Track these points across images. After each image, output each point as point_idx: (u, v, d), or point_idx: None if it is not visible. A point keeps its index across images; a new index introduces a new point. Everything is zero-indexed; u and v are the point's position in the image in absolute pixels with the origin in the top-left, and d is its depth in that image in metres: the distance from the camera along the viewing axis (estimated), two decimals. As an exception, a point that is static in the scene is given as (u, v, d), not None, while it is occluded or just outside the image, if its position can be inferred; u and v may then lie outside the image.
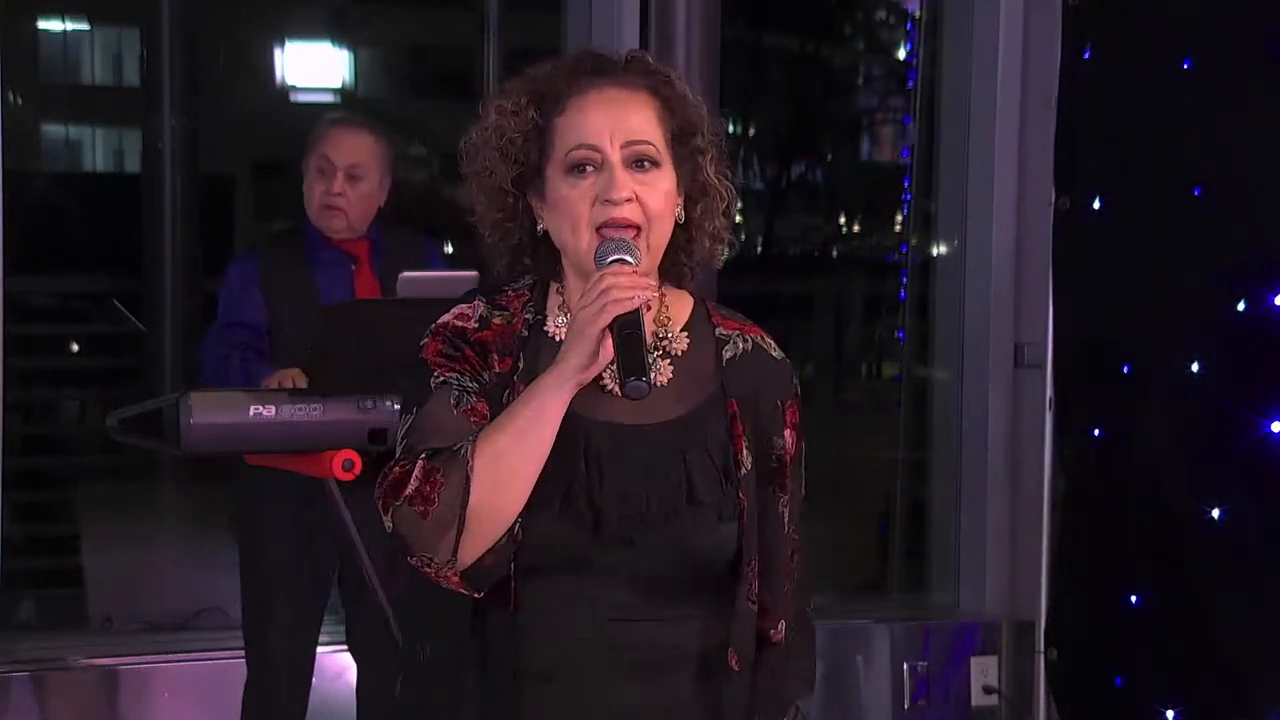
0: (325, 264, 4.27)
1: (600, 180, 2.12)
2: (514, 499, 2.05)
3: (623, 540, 2.10)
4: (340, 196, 4.20)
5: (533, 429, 2.04)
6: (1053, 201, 4.56)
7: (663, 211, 2.14)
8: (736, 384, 2.20)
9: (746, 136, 11.17)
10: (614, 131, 2.12)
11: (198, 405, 3.53)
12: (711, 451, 2.16)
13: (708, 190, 2.20)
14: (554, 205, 2.15)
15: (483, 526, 2.03)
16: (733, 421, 2.18)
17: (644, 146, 2.13)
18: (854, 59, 11.30)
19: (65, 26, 9.28)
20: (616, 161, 2.11)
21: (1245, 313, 4.13)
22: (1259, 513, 4.15)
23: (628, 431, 2.13)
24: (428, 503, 2.03)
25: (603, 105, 2.13)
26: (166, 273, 6.64)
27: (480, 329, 2.17)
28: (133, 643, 5.15)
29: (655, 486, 2.11)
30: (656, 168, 2.14)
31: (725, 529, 2.15)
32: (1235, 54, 4.18)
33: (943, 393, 5.97)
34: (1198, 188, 4.21)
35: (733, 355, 2.22)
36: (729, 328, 2.25)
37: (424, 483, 2.03)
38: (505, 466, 2.03)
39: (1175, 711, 4.31)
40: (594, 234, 2.12)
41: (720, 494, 2.14)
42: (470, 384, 2.13)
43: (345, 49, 9.53)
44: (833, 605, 6.00)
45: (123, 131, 9.77)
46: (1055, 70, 4.60)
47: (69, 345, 7.47)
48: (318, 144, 4.26)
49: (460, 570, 2.05)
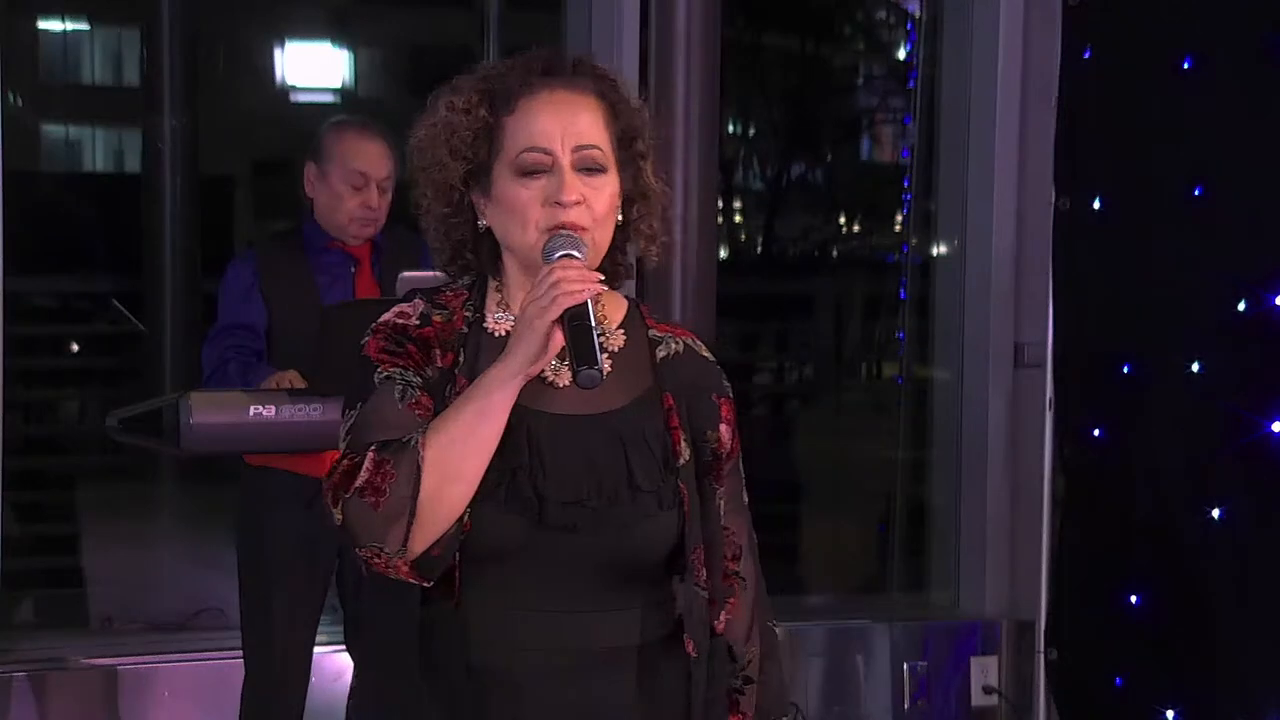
0: (326, 265, 4.26)
1: (551, 183, 2.16)
2: (463, 489, 2.07)
3: (566, 528, 2.13)
4: (377, 210, 4.21)
5: (482, 420, 2.07)
6: (1053, 201, 4.56)
7: (607, 214, 2.19)
8: (670, 380, 2.25)
9: (746, 136, 11.17)
10: (565, 135, 2.17)
11: (198, 405, 3.53)
12: (650, 442, 2.20)
13: (647, 193, 2.26)
14: (502, 203, 2.19)
15: (433, 516, 2.06)
16: (669, 414, 2.23)
17: (593, 151, 2.18)
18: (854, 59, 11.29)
19: (65, 26, 9.28)
20: (567, 165, 2.16)
21: (1245, 313, 4.13)
22: (1259, 513, 4.15)
23: (569, 421, 2.17)
24: (379, 493, 2.05)
25: (553, 108, 2.18)
26: (166, 273, 6.64)
27: (421, 326, 2.20)
28: (133, 643, 5.15)
29: (597, 474, 2.16)
30: (603, 172, 2.19)
31: (665, 517, 2.18)
32: (1235, 54, 4.18)
33: (943, 393, 5.97)
34: (1198, 188, 4.22)
35: (666, 354, 2.28)
36: (661, 330, 2.31)
37: (375, 474, 2.06)
38: (455, 457, 2.06)
39: (1175, 711, 4.31)
40: (542, 234, 2.16)
41: (660, 482, 2.19)
42: (414, 378, 2.16)
43: (345, 49, 9.53)
44: (833, 605, 6.00)
45: (123, 131, 9.77)
46: (1055, 70, 4.60)
47: (69, 345, 7.47)
48: (345, 156, 4.21)
49: (409, 560, 2.07)
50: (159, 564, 6.10)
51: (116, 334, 7.17)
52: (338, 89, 9.42)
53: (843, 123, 11.08)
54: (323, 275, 4.25)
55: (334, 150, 4.23)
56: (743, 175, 11.48)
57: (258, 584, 4.19)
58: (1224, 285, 4.17)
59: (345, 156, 4.21)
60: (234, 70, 8.84)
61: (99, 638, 5.33)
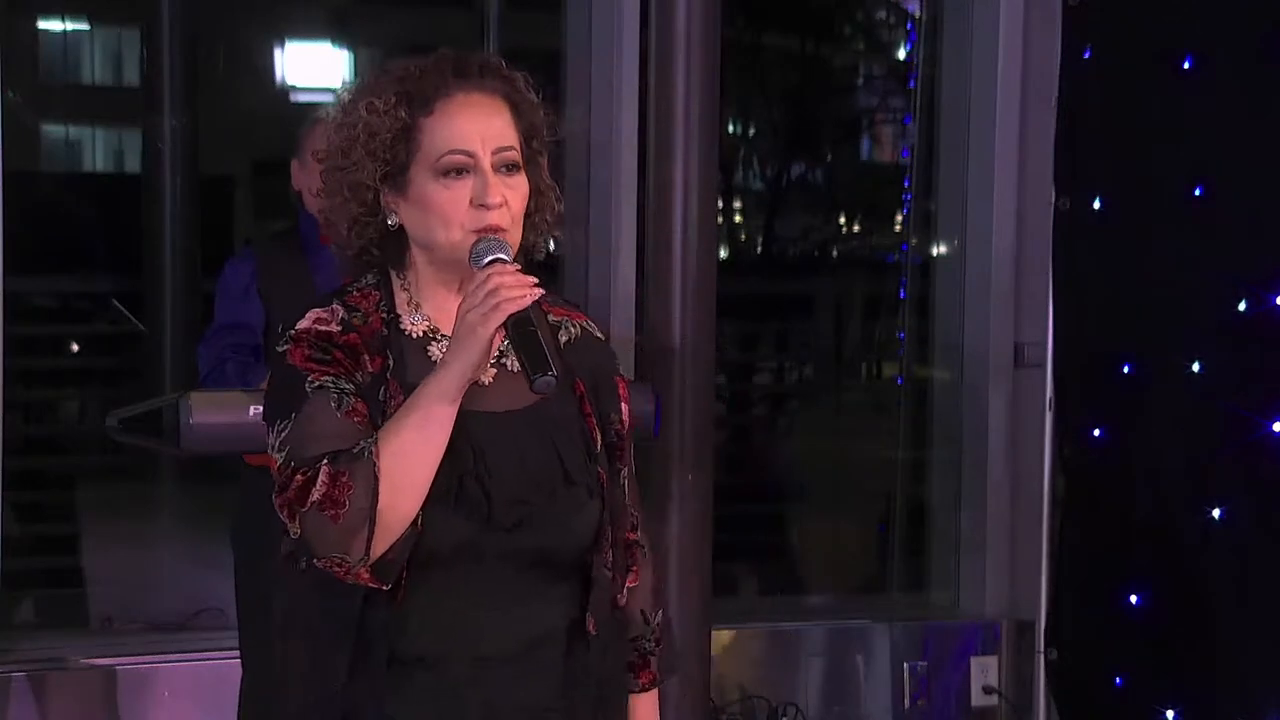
0: (323, 264, 4.26)
1: (475, 184, 2.19)
2: (416, 496, 2.11)
3: (511, 526, 2.18)
4: None
5: (430, 429, 2.11)
6: (1053, 201, 4.56)
7: (520, 213, 2.24)
8: (577, 366, 2.30)
9: (746, 136, 11.16)
10: (484, 137, 2.20)
11: (197, 405, 3.53)
12: (572, 432, 2.27)
13: (542, 188, 2.29)
14: (420, 204, 2.22)
15: (390, 524, 2.10)
16: (582, 401, 2.30)
17: (510, 152, 2.22)
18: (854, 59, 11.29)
19: (65, 26, 9.28)
20: (488, 167, 2.20)
21: (1245, 313, 4.13)
22: (1259, 513, 4.15)
23: (502, 419, 2.22)
24: (338, 506, 2.08)
25: (470, 110, 2.21)
26: (166, 273, 6.63)
27: (345, 331, 2.22)
28: (133, 643, 5.14)
29: (534, 471, 2.22)
30: (518, 172, 2.23)
31: (592, 505, 2.26)
32: (1235, 54, 4.18)
33: (943, 393, 5.97)
34: (1198, 188, 4.22)
35: (568, 339, 2.32)
36: (558, 314, 2.34)
37: (331, 487, 2.09)
38: (408, 467, 2.10)
39: (1175, 711, 4.32)
40: (467, 234, 2.20)
41: (586, 472, 2.26)
42: (346, 385, 2.18)
43: (345, 49, 9.52)
44: (833, 605, 6.00)
45: (123, 131, 9.77)
46: (1055, 70, 4.60)
47: (69, 345, 7.47)
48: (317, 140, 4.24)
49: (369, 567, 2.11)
50: (159, 564, 6.10)
51: (116, 334, 7.16)
52: (338, 89, 9.41)
53: (843, 123, 11.07)
54: (320, 274, 4.25)
55: (307, 140, 4.26)
56: (743, 175, 11.48)
57: (256, 584, 4.19)
58: (1224, 285, 4.17)
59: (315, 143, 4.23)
60: (234, 70, 8.84)
61: (99, 638, 5.33)
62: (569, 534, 2.23)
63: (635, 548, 2.39)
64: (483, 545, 2.18)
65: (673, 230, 4.31)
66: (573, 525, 2.24)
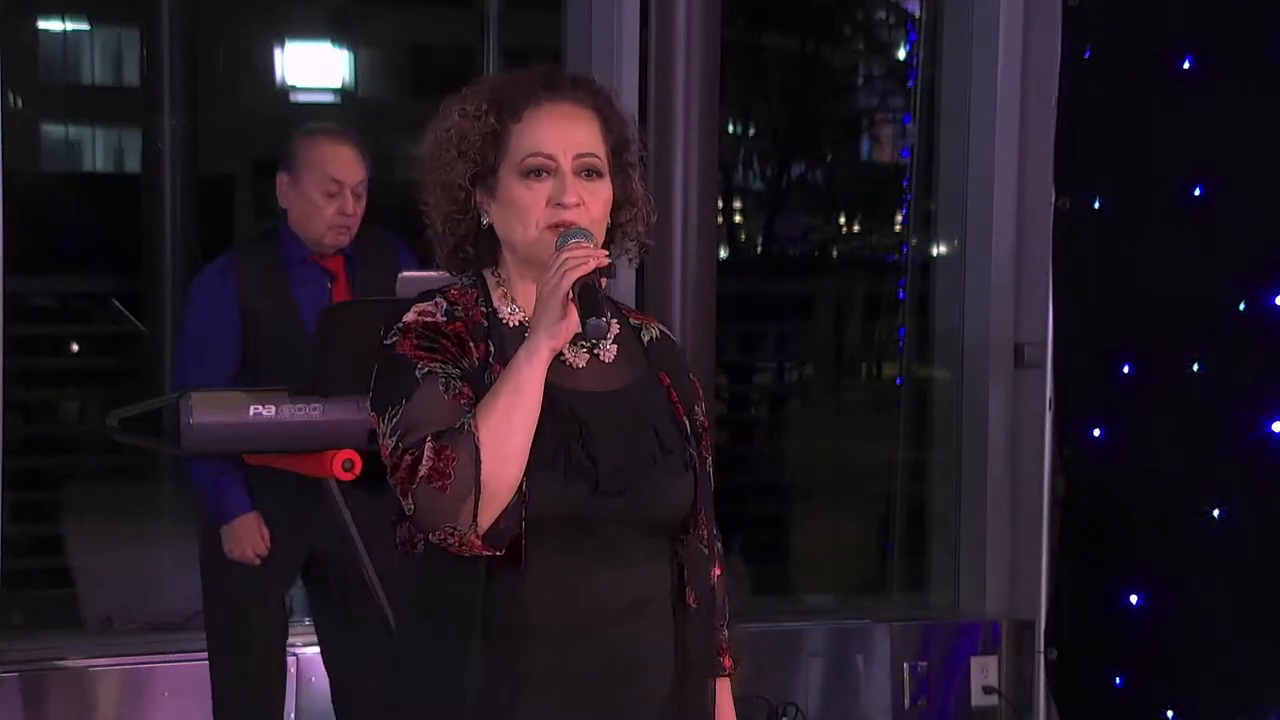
0: (303, 279, 4.23)
1: (554, 185, 2.36)
2: (517, 463, 2.25)
3: (617, 491, 2.32)
4: (352, 216, 4.19)
5: (521, 398, 2.26)
6: (1053, 201, 4.56)
7: (602, 217, 2.40)
8: (659, 362, 2.48)
9: (746, 136, 11.16)
10: (566, 142, 2.37)
11: (198, 405, 3.53)
12: (662, 412, 2.43)
13: (635, 201, 2.46)
14: (506, 203, 2.39)
15: (495, 491, 2.23)
16: (668, 391, 2.46)
17: (592, 159, 2.38)
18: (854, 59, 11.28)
19: (65, 26, 9.27)
20: (568, 170, 2.36)
21: (1245, 313, 4.13)
22: (1259, 513, 4.15)
23: (600, 397, 2.38)
24: (444, 478, 2.22)
25: (556, 118, 2.38)
26: (166, 273, 6.62)
27: (450, 322, 2.37)
28: (133, 643, 5.15)
29: (635, 439, 2.37)
30: (600, 178, 2.39)
31: (688, 478, 2.41)
32: (1235, 54, 4.18)
33: (943, 393, 5.98)
34: (1198, 188, 4.22)
35: (650, 339, 2.50)
36: (637, 318, 2.53)
37: (437, 460, 2.23)
38: (505, 434, 2.24)
39: (1175, 711, 4.32)
40: (542, 231, 2.36)
41: (680, 445, 2.41)
42: (453, 370, 2.32)
43: (345, 49, 9.52)
44: (833, 605, 6.00)
45: (123, 131, 9.77)
46: (1055, 70, 4.60)
47: (69, 345, 7.46)
48: (319, 162, 4.19)
49: (480, 534, 2.23)
50: (159, 564, 6.09)
51: (116, 334, 7.16)
52: (338, 89, 9.41)
53: (843, 123, 11.07)
54: (301, 289, 4.22)
55: (307, 157, 4.21)
56: (743, 175, 11.48)
57: (223, 583, 4.20)
58: (1224, 285, 4.17)
59: (320, 163, 4.19)
60: (234, 70, 8.83)
61: (99, 638, 5.33)
62: (669, 500, 2.38)
63: (715, 540, 2.53)
64: (591, 510, 2.32)
65: (673, 230, 4.31)
66: (672, 492, 2.38)
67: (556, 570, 2.31)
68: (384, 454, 2.31)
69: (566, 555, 2.31)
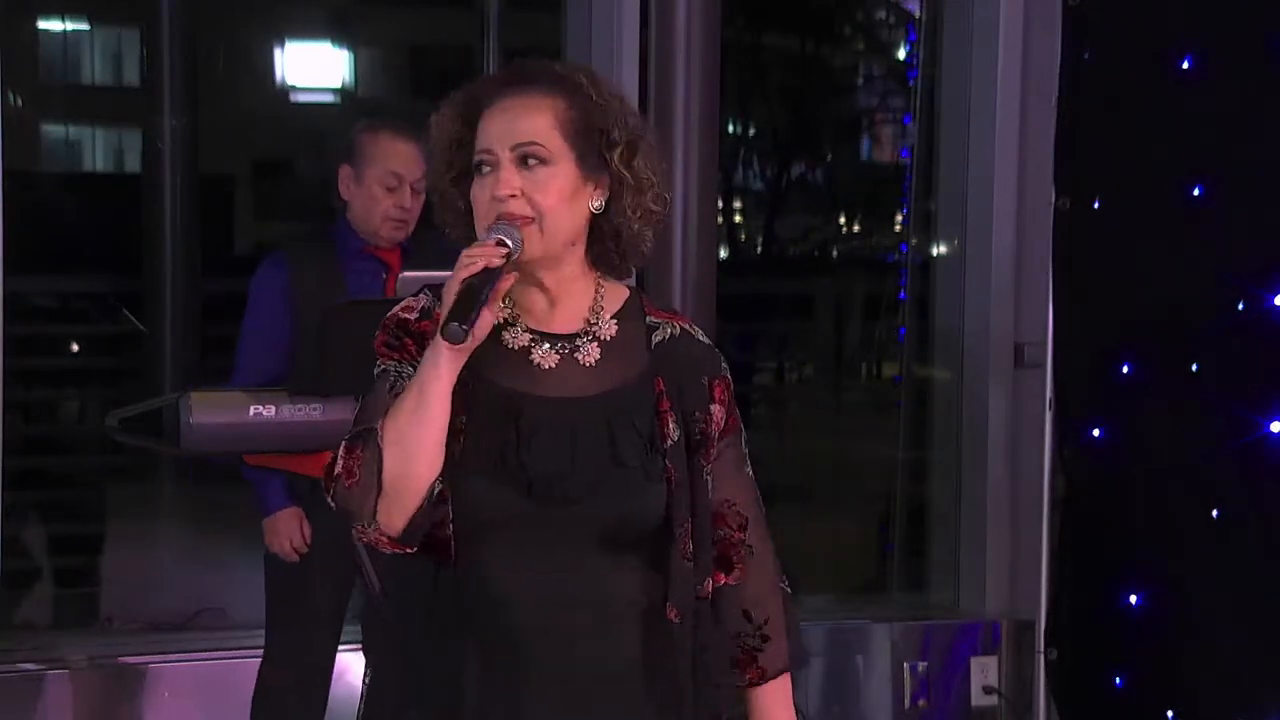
0: (358, 272, 4.25)
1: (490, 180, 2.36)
2: (423, 463, 2.26)
3: (557, 501, 2.31)
4: (410, 211, 4.21)
5: (425, 398, 2.26)
6: (1053, 201, 4.56)
7: (554, 205, 2.35)
8: (663, 364, 2.43)
9: (746, 136, 11.16)
10: (505, 135, 2.35)
11: (198, 405, 3.53)
12: (638, 422, 2.38)
13: (623, 180, 2.39)
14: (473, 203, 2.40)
15: (399, 489, 2.25)
16: (660, 398, 2.40)
17: (532, 147, 2.35)
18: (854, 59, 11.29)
19: (65, 26, 9.27)
20: (504, 161, 2.35)
21: (1245, 313, 4.13)
22: (1259, 513, 4.15)
23: (557, 404, 2.36)
24: (351, 476, 2.27)
25: (502, 112, 2.37)
26: (166, 273, 6.63)
27: (420, 319, 2.38)
28: (133, 643, 5.15)
29: (581, 450, 2.34)
30: (545, 165, 2.35)
31: (653, 491, 2.36)
32: (1235, 54, 4.19)
33: (943, 393, 5.97)
34: (1198, 188, 4.22)
35: (661, 339, 2.45)
36: (659, 317, 2.48)
37: (348, 459, 2.28)
38: (408, 435, 2.26)
39: (1175, 711, 4.32)
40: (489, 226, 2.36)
41: (645, 459, 2.36)
42: (407, 369, 2.33)
43: (345, 49, 9.52)
44: (833, 605, 6.00)
45: (123, 131, 9.77)
46: (1055, 70, 4.60)
47: (69, 345, 7.46)
48: (380, 157, 4.22)
49: (390, 533, 2.27)
50: (159, 564, 6.10)
51: (116, 334, 7.16)
52: (338, 89, 9.41)
53: (843, 123, 11.08)
54: (355, 282, 4.24)
55: (369, 152, 4.24)
56: (743, 175, 11.48)
57: (282, 576, 4.22)
58: (1224, 285, 4.17)
59: (380, 158, 4.22)
60: (234, 70, 8.83)
61: (99, 638, 5.33)
62: (617, 511, 2.34)
63: (740, 547, 2.48)
64: (530, 516, 2.31)
65: (673, 230, 4.31)
66: (623, 504, 2.34)
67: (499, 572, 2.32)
68: None
69: (509, 559, 2.32)
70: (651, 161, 2.42)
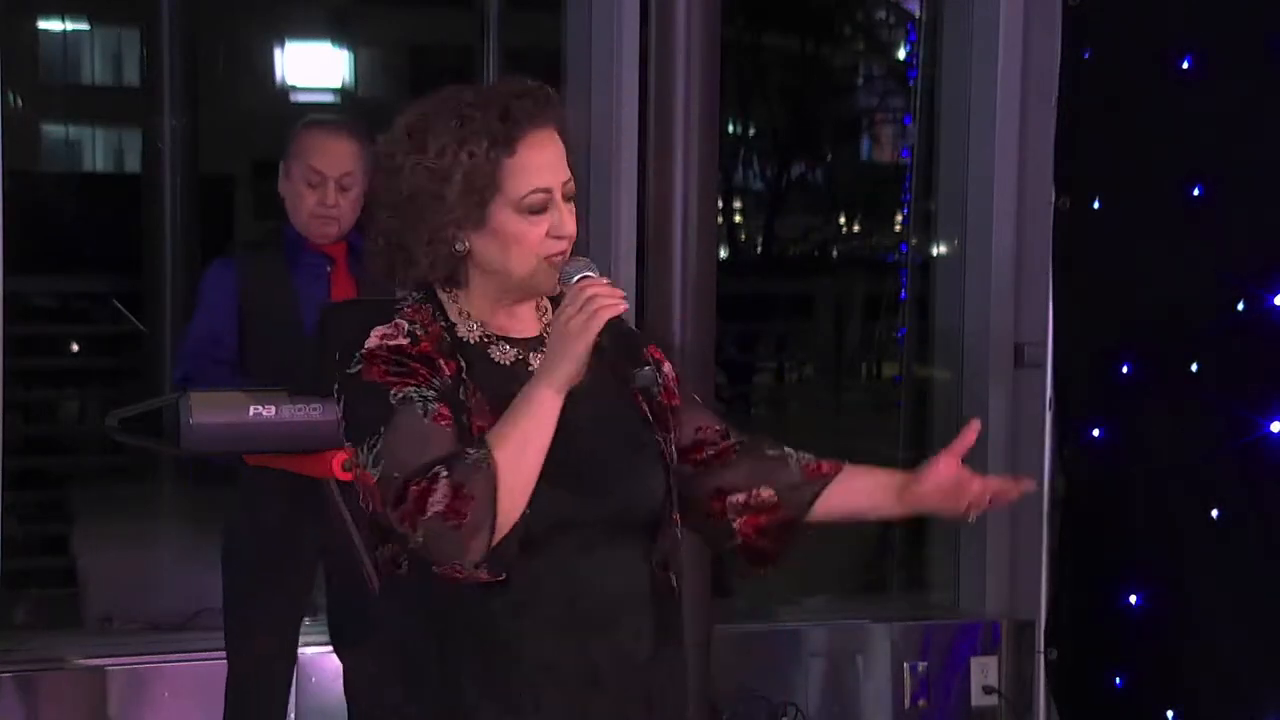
0: (303, 266, 4.25)
1: (553, 218, 2.38)
2: (527, 495, 2.27)
3: (603, 491, 2.37)
4: (335, 208, 4.19)
5: (537, 433, 2.27)
6: (1053, 201, 4.56)
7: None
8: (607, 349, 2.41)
9: (746, 136, 11.17)
10: (556, 172, 2.39)
11: (198, 405, 3.53)
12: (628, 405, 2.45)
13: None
14: (500, 235, 2.37)
15: (506, 525, 2.26)
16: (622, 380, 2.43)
17: (570, 184, 2.41)
18: (854, 59, 11.29)
19: (65, 26, 9.28)
20: (560, 200, 2.38)
21: (1245, 313, 4.13)
22: (1258, 513, 4.15)
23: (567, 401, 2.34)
24: (459, 516, 2.21)
25: (546, 146, 2.38)
26: (166, 273, 6.63)
27: (415, 343, 2.36)
28: (133, 643, 5.14)
29: (606, 440, 2.41)
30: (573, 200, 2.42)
31: (659, 471, 2.45)
32: (1236, 54, 4.18)
33: (943, 393, 5.97)
34: (1198, 188, 4.22)
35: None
36: None
37: (454, 498, 2.21)
38: (521, 470, 2.26)
39: (1175, 711, 4.31)
40: (542, 262, 2.38)
41: (649, 438, 2.45)
42: (428, 392, 2.31)
43: (345, 49, 9.53)
44: (833, 605, 6.00)
45: (123, 131, 9.78)
46: (1055, 70, 4.60)
47: (69, 345, 7.47)
48: (304, 152, 4.21)
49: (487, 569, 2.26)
50: (159, 564, 6.09)
51: (116, 334, 7.17)
52: (338, 89, 9.42)
53: (843, 123, 11.09)
54: (300, 277, 4.24)
55: (296, 147, 4.25)
56: (743, 175, 11.49)
57: (240, 583, 4.21)
58: (1224, 285, 4.17)
59: (304, 153, 4.22)
60: (234, 70, 8.84)
61: (98, 638, 5.32)
62: (646, 495, 2.41)
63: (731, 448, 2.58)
64: (577, 516, 2.35)
65: (673, 230, 4.31)
66: (649, 485, 2.42)
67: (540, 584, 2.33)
68: (365, 482, 2.30)
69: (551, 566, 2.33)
70: None
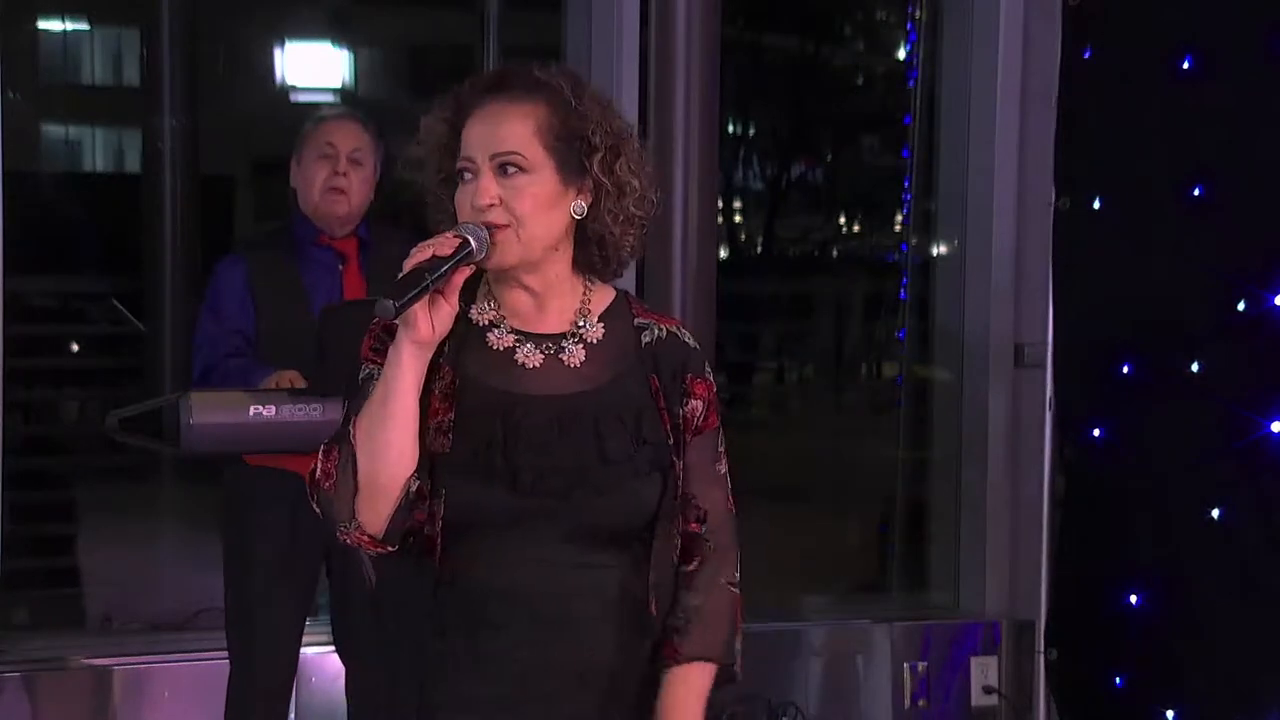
0: (314, 262, 4.27)
1: (474, 187, 2.38)
2: (394, 460, 2.29)
3: (543, 496, 2.33)
4: (344, 178, 4.23)
5: (391, 395, 2.29)
6: (1053, 201, 4.56)
7: (531, 211, 2.37)
8: (654, 363, 2.45)
9: (746, 136, 11.17)
10: (485, 143, 2.37)
11: (198, 405, 3.53)
12: (625, 418, 2.40)
13: (602, 185, 2.40)
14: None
15: (375, 489, 2.29)
16: (656, 395, 2.44)
17: (511, 155, 2.37)
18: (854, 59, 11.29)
19: (65, 26, 9.27)
20: (484, 170, 2.37)
21: (1245, 313, 4.13)
22: (1259, 513, 4.15)
23: (542, 401, 2.38)
24: (329, 478, 2.31)
25: (484, 120, 2.39)
26: (166, 273, 6.63)
27: None
28: (132, 643, 5.15)
29: (567, 446, 2.36)
30: (524, 173, 2.36)
31: (644, 487, 2.39)
32: (1236, 53, 4.18)
33: (943, 393, 5.97)
34: (1198, 188, 4.22)
35: (650, 340, 2.47)
36: (647, 318, 2.50)
37: (325, 462, 2.33)
38: (377, 432, 2.29)
39: (1175, 711, 4.32)
40: None
41: (633, 454, 2.38)
42: None
43: (345, 49, 9.52)
44: (833, 605, 6.00)
45: (123, 131, 9.78)
46: (1055, 70, 4.60)
47: (69, 345, 7.46)
48: (318, 134, 4.28)
49: (371, 532, 2.31)
50: (159, 564, 6.10)
51: (116, 334, 7.17)
52: (338, 89, 9.41)
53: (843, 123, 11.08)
54: (310, 273, 4.25)
55: (307, 138, 4.31)
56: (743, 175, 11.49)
57: (243, 584, 4.20)
58: (1224, 285, 4.17)
59: (317, 135, 4.29)
60: (234, 70, 8.83)
61: (99, 638, 5.33)
62: (605, 508, 2.36)
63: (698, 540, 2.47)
64: (516, 515, 2.33)
65: (673, 230, 4.31)
66: (611, 501, 2.36)
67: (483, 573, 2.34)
68: None
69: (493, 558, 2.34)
70: (635, 166, 2.42)
